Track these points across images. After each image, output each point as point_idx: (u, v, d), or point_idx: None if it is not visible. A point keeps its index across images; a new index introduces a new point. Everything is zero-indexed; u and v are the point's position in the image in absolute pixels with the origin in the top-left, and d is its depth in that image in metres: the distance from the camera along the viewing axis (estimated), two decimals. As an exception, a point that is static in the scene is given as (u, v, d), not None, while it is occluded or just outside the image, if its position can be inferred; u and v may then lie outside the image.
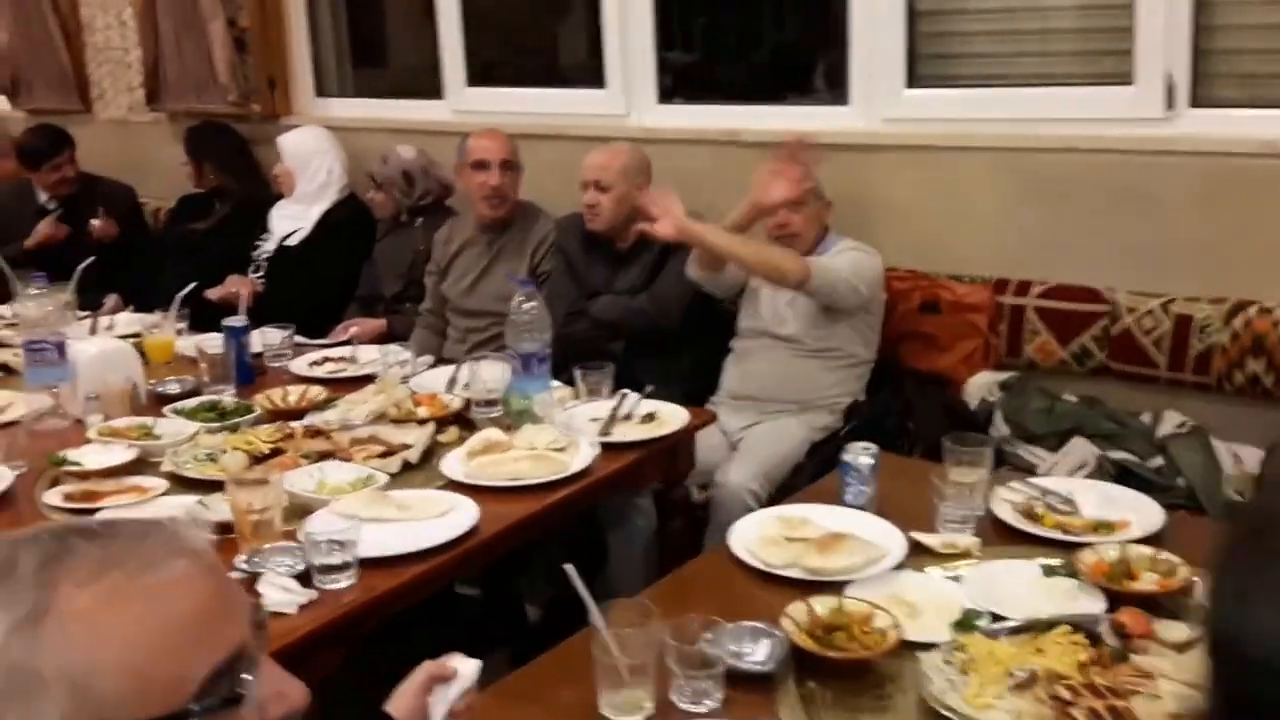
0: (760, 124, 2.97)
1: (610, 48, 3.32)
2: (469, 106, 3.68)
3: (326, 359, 2.68)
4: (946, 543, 1.61)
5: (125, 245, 4.09)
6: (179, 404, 2.30)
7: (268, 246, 3.69)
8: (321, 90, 4.11)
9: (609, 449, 2.03)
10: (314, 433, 2.14)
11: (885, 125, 2.84)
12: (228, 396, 2.39)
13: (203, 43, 4.06)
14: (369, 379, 2.51)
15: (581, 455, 1.95)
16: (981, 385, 2.49)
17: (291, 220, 3.68)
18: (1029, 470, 2.31)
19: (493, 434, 2.00)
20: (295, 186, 3.67)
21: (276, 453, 2.07)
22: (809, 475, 2.27)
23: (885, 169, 2.81)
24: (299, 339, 2.84)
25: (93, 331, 3.09)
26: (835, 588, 1.51)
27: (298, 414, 2.29)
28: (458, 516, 1.73)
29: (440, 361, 2.75)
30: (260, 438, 2.10)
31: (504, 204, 2.99)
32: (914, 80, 2.83)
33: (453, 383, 2.44)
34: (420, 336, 3.12)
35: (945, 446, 1.71)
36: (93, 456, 2.04)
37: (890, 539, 1.61)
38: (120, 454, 2.03)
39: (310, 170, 3.65)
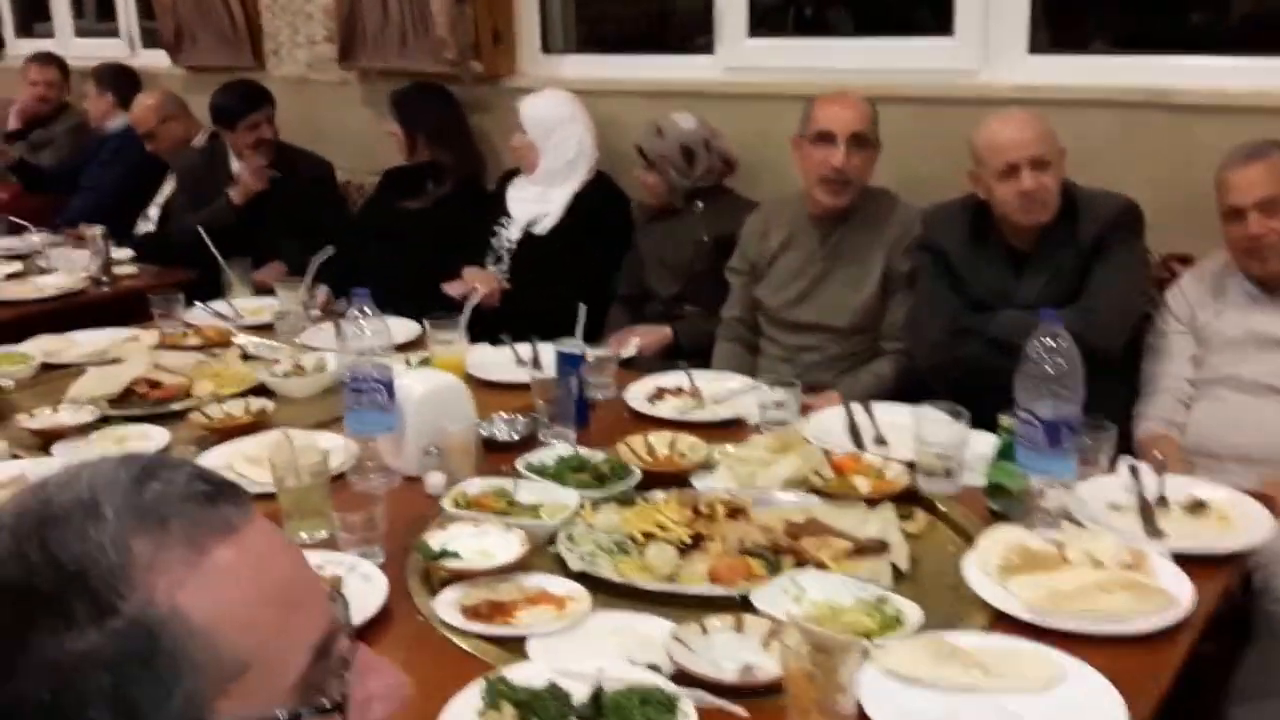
0: (1198, 81, 2.35)
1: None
2: (749, 62, 3.09)
3: (661, 390, 2.18)
4: None
5: (319, 226, 3.63)
6: (530, 458, 1.82)
7: (510, 234, 3.19)
8: (547, 46, 3.59)
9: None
10: (733, 511, 1.64)
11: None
12: (569, 445, 1.90)
13: (415, -11, 3.52)
14: (737, 424, 2.01)
15: (1170, 578, 1.39)
16: None
17: (534, 203, 3.17)
18: None
19: (1027, 539, 1.46)
20: (538, 163, 3.15)
21: (697, 540, 1.58)
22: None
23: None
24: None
25: (339, 338, 2.64)
26: None
27: (676, 477, 1.80)
28: (1082, 691, 1.19)
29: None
30: (669, 516, 1.61)
31: (845, 190, 2.41)
32: None
33: (856, 434, 1.93)
34: (727, 352, 2.58)
35: None
36: (465, 540, 1.55)
37: None
38: (506, 543, 1.53)
39: (555, 142, 3.13)
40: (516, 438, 1.93)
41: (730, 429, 2.00)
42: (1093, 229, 2.15)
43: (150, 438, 2.02)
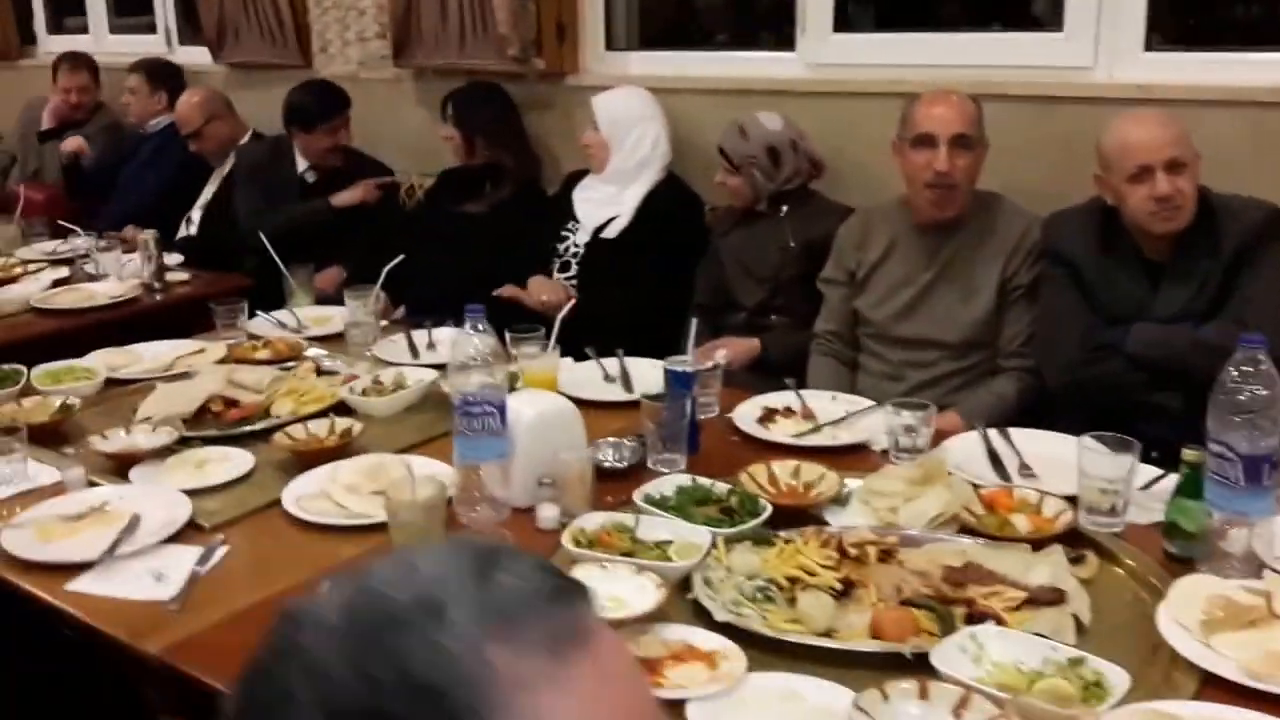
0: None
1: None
2: (834, 59, 2.95)
3: (770, 411, 2.04)
4: None
5: (382, 233, 3.50)
6: (648, 489, 1.68)
7: (577, 239, 3.05)
8: (610, 41, 3.44)
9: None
10: (885, 553, 1.51)
11: None
12: (685, 474, 1.76)
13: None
14: (861, 450, 1.88)
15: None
16: None
17: (604, 205, 3.03)
18: None
19: (1228, 589, 1.31)
20: (608, 161, 3.02)
21: (847, 586, 1.45)
22: None
23: None
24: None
25: (413, 352, 2.51)
26: None
27: (803, 512, 1.66)
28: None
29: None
30: (814, 558, 1.48)
31: (952, 197, 2.26)
32: None
33: (998, 464, 1.79)
34: (823, 368, 2.43)
35: None
36: (593, 584, 1.41)
37: None
38: (640, 588, 1.39)
39: (630, 141, 2.99)
40: (625, 465, 1.80)
41: (853, 455, 1.86)
42: (1236, 237, 2.00)
43: (231, 461, 1.89)
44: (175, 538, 1.63)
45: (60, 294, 3.00)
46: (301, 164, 3.56)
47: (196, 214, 3.95)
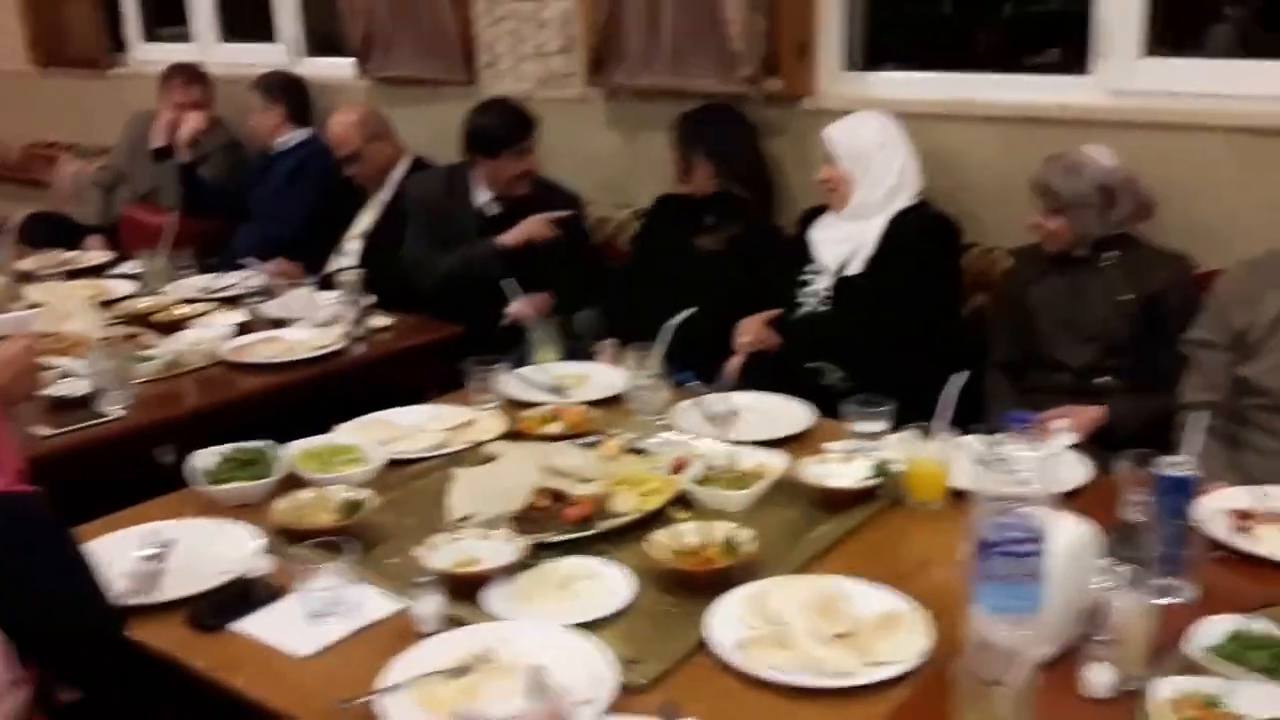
0: None
1: None
2: (1142, 85, 2.59)
3: (1243, 515, 1.66)
4: None
5: (576, 269, 3.13)
6: (1205, 639, 1.31)
7: (820, 283, 2.68)
8: (850, 60, 3.08)
9: None
10: None
11: None
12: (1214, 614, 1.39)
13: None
14: None
15: None
16: None
17: (843, 244, 2.66)
18: None
19: None
20: (851, 196, 2.65)
21: None
22: None
23: None
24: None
25: (713, 424, 2.12)
26: None
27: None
28: None
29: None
30: None
31: None
32: None
33: None
34: (1210, 447, 2.04)
35: None
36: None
37: None
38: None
39: (874, 172, 2.64)
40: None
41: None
42: None
43: (601, 579, 1.52)
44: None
45: (256, 344, 2.60)
46: (481, 196, 3.15)
47: (353, 244, 3.57)
